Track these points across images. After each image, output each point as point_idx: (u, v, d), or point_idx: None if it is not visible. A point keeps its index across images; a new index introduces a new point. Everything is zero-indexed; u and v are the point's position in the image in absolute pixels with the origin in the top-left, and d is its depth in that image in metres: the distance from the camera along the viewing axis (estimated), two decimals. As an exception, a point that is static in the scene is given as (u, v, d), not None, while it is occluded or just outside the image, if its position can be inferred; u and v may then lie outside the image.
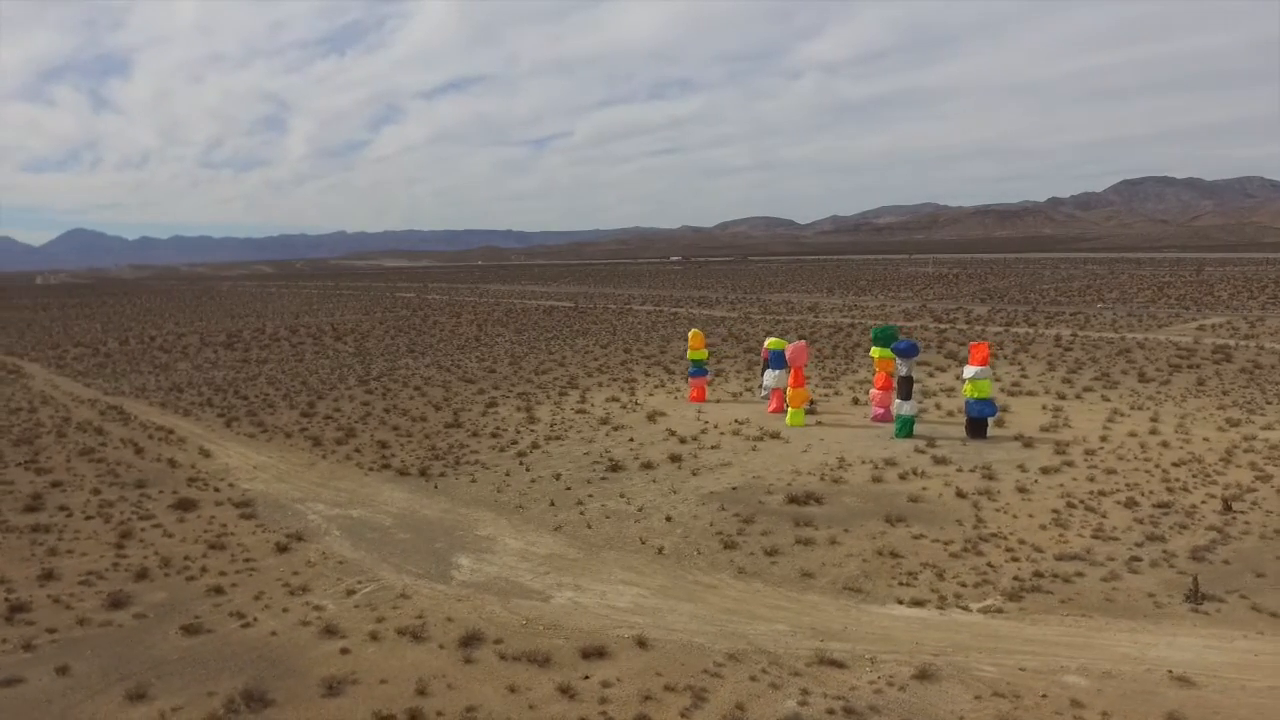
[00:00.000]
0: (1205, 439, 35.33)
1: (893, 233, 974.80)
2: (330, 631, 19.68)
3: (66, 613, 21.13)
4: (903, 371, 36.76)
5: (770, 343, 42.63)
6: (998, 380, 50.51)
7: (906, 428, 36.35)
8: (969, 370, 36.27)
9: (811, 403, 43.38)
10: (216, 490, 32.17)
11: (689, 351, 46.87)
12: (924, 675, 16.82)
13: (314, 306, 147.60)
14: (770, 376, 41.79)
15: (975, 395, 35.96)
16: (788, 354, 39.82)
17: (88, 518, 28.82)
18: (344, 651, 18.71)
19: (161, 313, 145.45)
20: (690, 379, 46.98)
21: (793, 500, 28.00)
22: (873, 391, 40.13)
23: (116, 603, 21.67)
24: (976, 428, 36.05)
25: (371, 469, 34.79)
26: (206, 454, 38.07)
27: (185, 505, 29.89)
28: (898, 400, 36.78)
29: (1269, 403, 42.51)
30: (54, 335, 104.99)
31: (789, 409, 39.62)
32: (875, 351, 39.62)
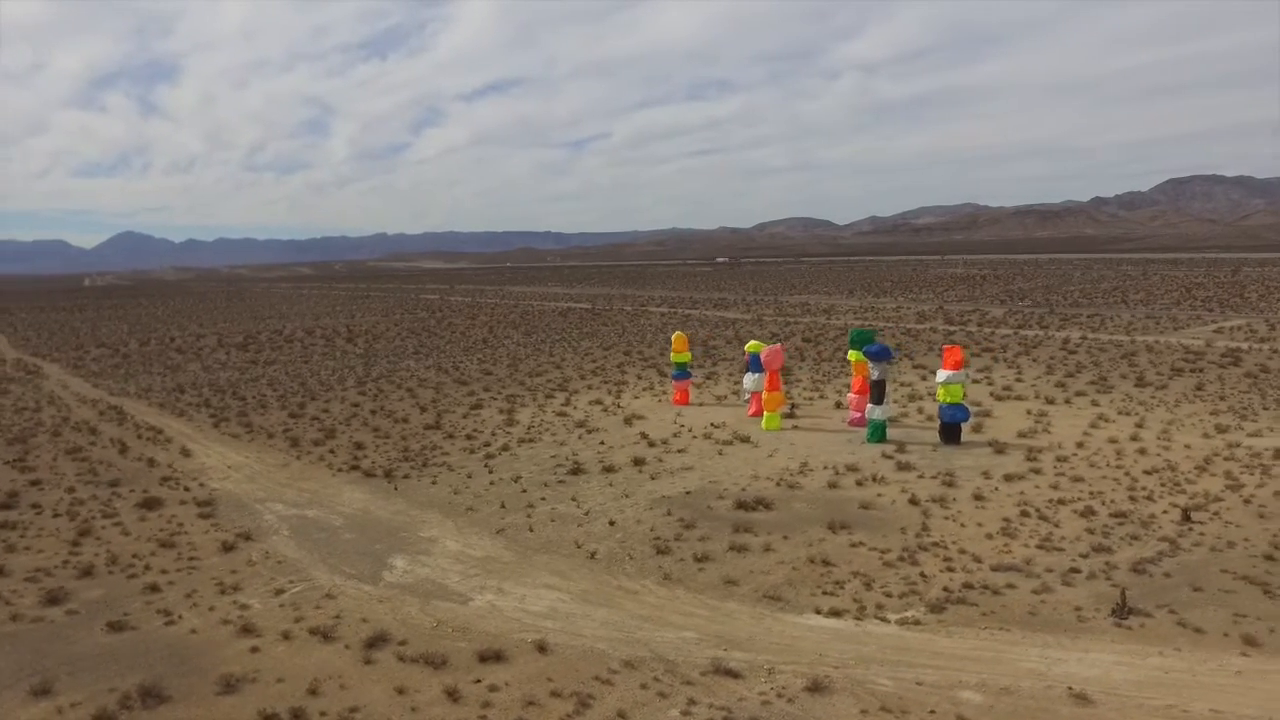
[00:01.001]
0: (1186, 446, 34.31)
1: (931, 233, 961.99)
2: (247, 630, 19.94)
3: (3, 609, 21.68)
4: (875, 375, 36.20)
5: (750, 346, 42.30)
6: (990, 384, 49.63)
7: (878, 432, 35.81)
8: (941, 374, 35.63)
9: (793, 406, 42.99)
10: (186, 489, 32.77)
11: (672, 354, 46.70)
12: (816, 688, 16.55)
13: (337, 308, 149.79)
14: (750, 380, 41.44)
15: (948, 400, 35.31)
16: (763, 357, 39.45)
17: (55, 515, 29.56)
18: (253, 650, 18.95)
19: (190, 314, 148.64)
20: (674, 382, 46.81)
21: (741, 506, 27.75)
22: (850, 395, 39.60)
23: (54, 599, 22.19)
24: (950, 433, 35.40)
25: (340, 470, 35.18)
26: (187, 454, 38.81)
27: (150, 504, 30.50)
28: (870, 404, 36.23)
29: (1266, 408, 41.17)
30: (81, 336, 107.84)
31: (765, 412, 39.22)
32: (852, 354, 39.07)
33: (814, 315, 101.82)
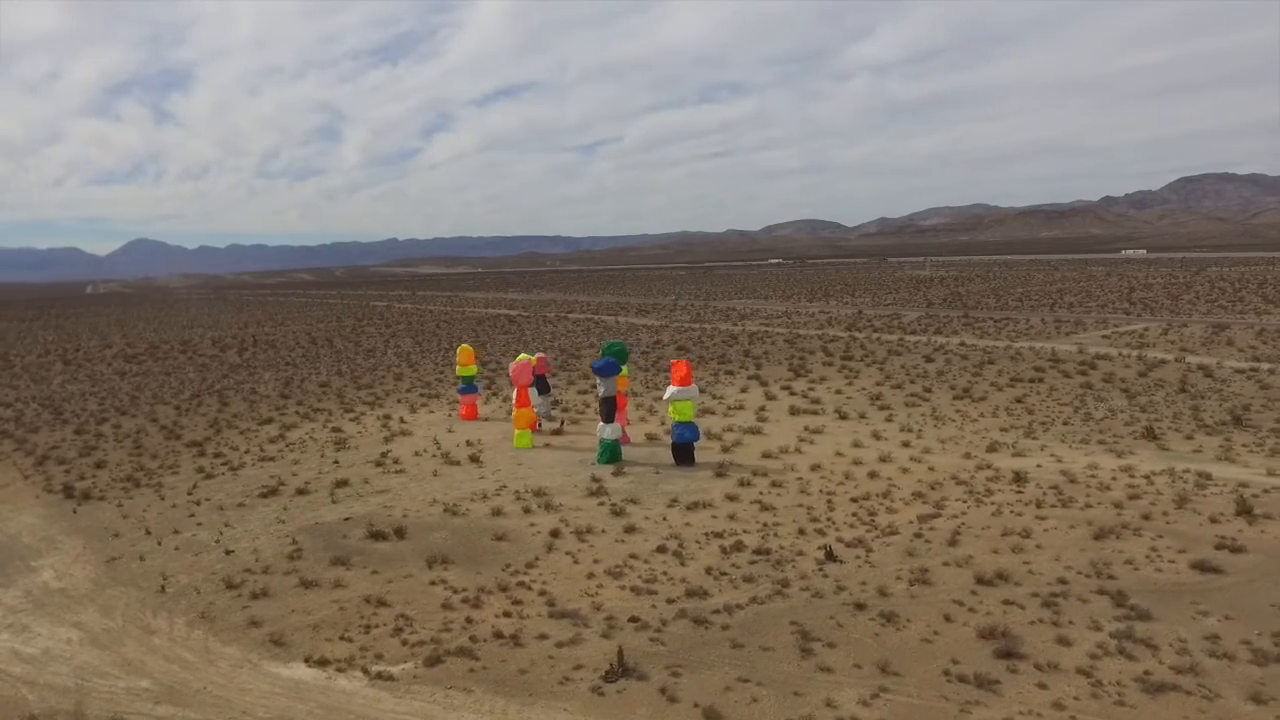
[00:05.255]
0: (931, 469, 32.48)
1: (936, 234, 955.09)
2: None
3: None
4: (602, 392, 34.61)
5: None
6: (805, 396, 47.97)
7: (607, 453, 34.18)
8: (669, 390, 33.96)
9: (563, 422, 41.45)
10: None
11: (458, 368, 45.10)
12: (186, 751, 15.13)
13: (276, 316, 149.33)
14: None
15: (677, 418, 33.66)
16: (510, 372, 37.93)
17: None
18: None
19: (132, 322, 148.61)
20: (460, 396, 45.27)
21: (374, 535, 26.36)
22: (605, 412, 37.93)
23: None
24: (681, 453, 33.73)
25: (51, 491, 34.09)
26: (-79, 475, 37.74)
27: None
28: (600, 423, 34.63)
29: (1067, 423, 39.45)
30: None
31: (515, 430, 37.73)
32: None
33: (729, 321, 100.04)
